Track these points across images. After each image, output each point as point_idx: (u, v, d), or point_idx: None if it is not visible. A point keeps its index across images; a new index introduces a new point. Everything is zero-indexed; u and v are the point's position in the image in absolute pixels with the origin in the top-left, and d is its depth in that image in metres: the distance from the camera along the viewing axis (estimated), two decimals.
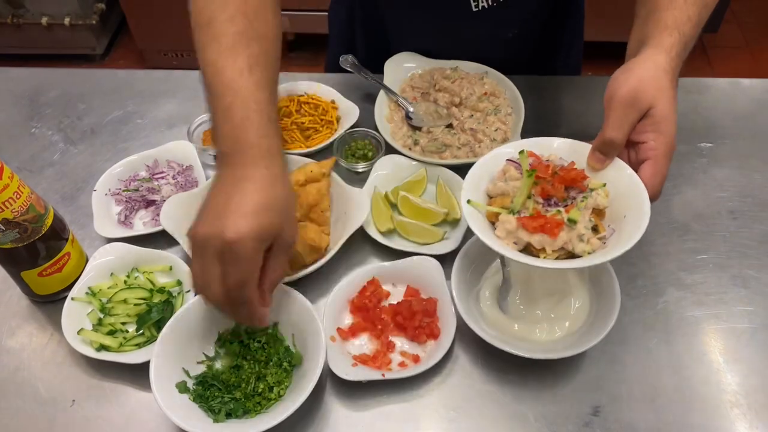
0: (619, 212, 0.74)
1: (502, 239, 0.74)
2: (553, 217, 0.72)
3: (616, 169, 0.75)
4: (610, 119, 0.74)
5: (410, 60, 1.13)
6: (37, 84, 1.20)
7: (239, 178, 0.69)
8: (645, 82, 0.72)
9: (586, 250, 0.72)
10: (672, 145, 0.74)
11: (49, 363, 0.83)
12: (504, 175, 0.79)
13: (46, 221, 0.81)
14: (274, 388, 0.77)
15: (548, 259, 0.72)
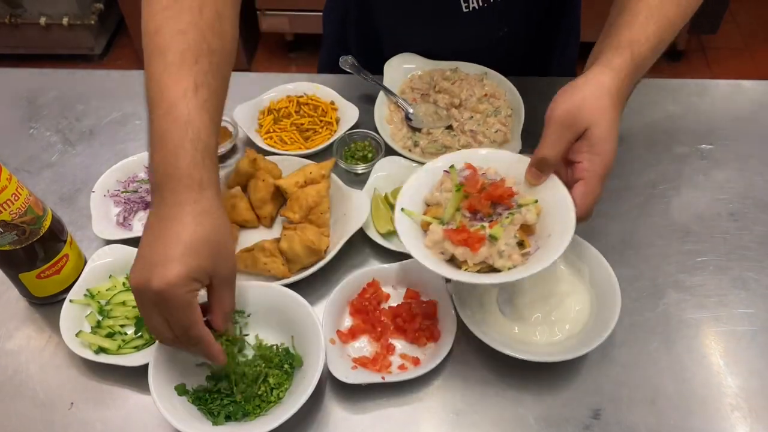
0: (546, 230, 0.75)
1: (430, 248, 0.76)
2: (477, 231, 0.73)
3: (551, 187, 0.76)
4: (546, 137, 0.73)
5: (410, 61, 1.13)
6: (36, 85, 1.20)
7: (165, 217, 0.67)
8: (585, 102, 0.72)
9: (506, 265, 0.73)
10: (607, 167, 0.73)
11: (47, 365, 0.83)
12: (440, 186, 0.80)
13: (45, 223, 0.81)
14: (274, 390, 0.77)
15: (469, 271, 0.73)
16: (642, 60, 0.75)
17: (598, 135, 0.72)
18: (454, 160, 0.80)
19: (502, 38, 1.11)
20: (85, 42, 2.77)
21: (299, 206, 0.91)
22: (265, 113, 1.10)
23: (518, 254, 0.74)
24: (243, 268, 0.88)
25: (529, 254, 0.74)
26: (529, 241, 0.75)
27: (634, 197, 0.98)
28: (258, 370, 0.77)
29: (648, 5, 0.77)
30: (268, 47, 2.90)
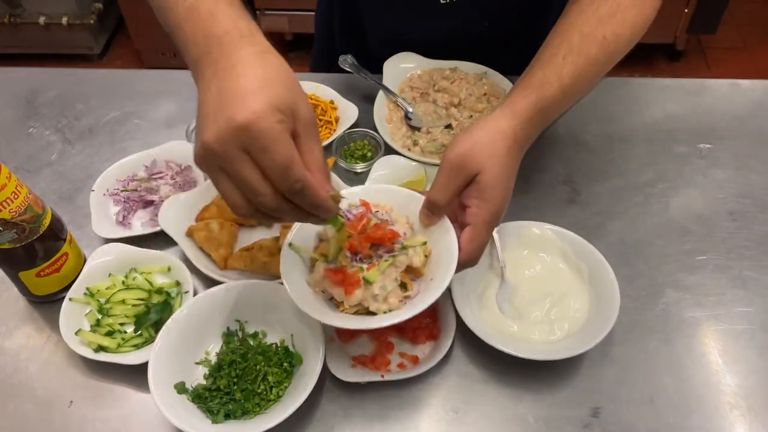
0: (431, 273, 0.73)
1: (312, 286, 0.74)
2: (354, 273, 0.71)
3: (442, 230, 0.74)
4: (437, 180, 0.72)
5: (409, 60, 1.13)
6: (35, 84, 1.20)
7: (225, 67, 0.58)
8: (477, 147, 0.70)
9: (381, 309, 0.71)
10: (495, 214, 0.71)
11: (46, 364, 0.83)
12: None
13: (44, 221, 0.81)
14: (273, 388, 0.77)
15: (346, 312, 0.72)
16: (550, 102, 0.74)
17: (487, 181, 0.70)
18: (351, 195, 0.76)
19: (483, 32, 1.10)
20: (84, 42, 2.77)
21: None
22: None
23: (397, 298, 0.72)
24: (242, 266, 0.88)
25: (409, 297, 0.72)
26: (413, 284, 0.73)
27: (634, 196, 0.98)
28: (258, 369, 0.77)
29: (569, 43, 0.75)
30: None
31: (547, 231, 0.87)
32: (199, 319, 0.81)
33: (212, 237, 0.89)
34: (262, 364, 0.77)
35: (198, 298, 0.81)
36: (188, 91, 1.17)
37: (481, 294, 0.85)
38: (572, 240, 0.86)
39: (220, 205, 0.93)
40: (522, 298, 0.84)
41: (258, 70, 0.57)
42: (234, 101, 0.55)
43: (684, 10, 2.50)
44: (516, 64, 1.15)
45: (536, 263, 0.88)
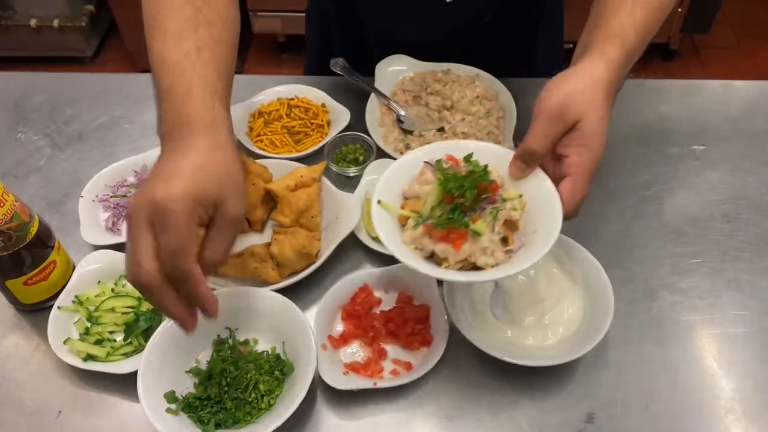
0: (532, 226, 0.71)
1: (408, 244, 0.72)
2: (460, 227, 0.69)
3: (536, 181, 0.72)
4: (534, 129, 0.70)
5: (401, 63, 1.12)
6: (23, 88, 1.18)
7: (177, 149, 0.64)
8: (576, 94, 0.69)
9: (488, 263, 0.70)
10: (596, 162, 0.70)
11: (34, 373, 0.81)
12: (421, 178, 0.75)
13: (31, 229, 0.80)
14: (264, 397, 0.76)
15: (450, 269, 0.70)
16: (632, 49, 0.73)
17: (588, 128, 0.69)
18: (435, 151, 0.76)
19: (487, 25, 1.09)
20: (76, 44, 2.76)
21: (290, 210, 0.90)
22: (255, 116, 1.09)
23: (502, 251, 0.70)
24: (233, 273, 0.87)
25: (512, 252, 0.71)
26: (513, 237, 0.71)
27: (627, 199, 0.98)
28: (248, 377, 0.76)
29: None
30: (260, 48, 2.88)
31: None
32: None
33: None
34: (253, 372, 0.76)
35: None
36: None
37: (474, 299, 0.84)
38: (566, 244, 0.86)
39: None
40: (515, 303, 0.84)
41: (199, 160, 0.63)
42: (163, 179, 0.61)
43: (677, 10, 2.50)
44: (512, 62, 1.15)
45: (530, 268, 0.86)
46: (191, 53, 0.70)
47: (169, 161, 0.64)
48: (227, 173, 0.65)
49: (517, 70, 1.12)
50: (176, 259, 0.60)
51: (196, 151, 0.63)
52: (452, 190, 0.70)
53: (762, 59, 2.76)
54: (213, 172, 0.63)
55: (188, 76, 0.68)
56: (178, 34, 0.72)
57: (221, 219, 0.64)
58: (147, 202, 0.60)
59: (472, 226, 0.69)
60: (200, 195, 0.61)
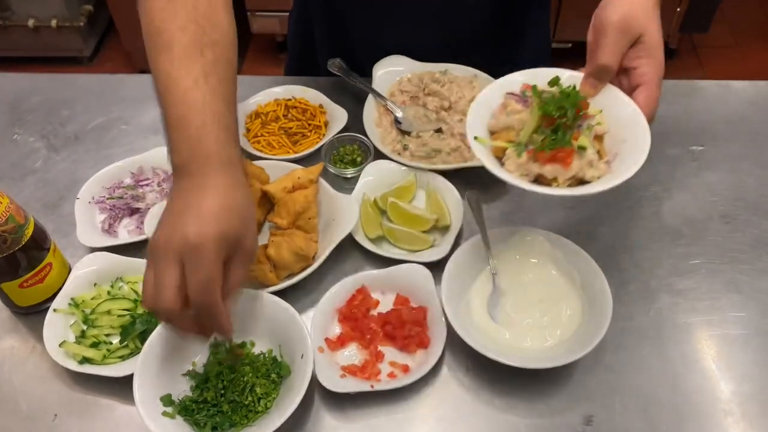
0: (618, 137, 0.76)
1: (513, 173, 0.75)
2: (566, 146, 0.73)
3: (610, 96, 0.77)
4: (604, 46, 0.75)
5: (399, 63, 1.12)
6: (19, 90, 1.18)
7: (199, 185, 0.67)
8: (635, 10, 0.75)
9: (595, 175, 0.74)
10: (662, 71, 0.76)
11: (30, 376, 0.81)
12: (505, 110, 0.79)
13: (27, 231, 0.79)
14: (261, 400, 0.75)
15: (560, 187, 0.74)
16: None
17: (652, 41, 0.75)
18: (511, 83, 0.80)
19: (472, 10, 1.09)
20: (74, 44, 2.75)
21: (287, 212, 0.90)
22: (252, 117, 1.09)
23: (602, 164, 0.75)
24: None
25: (609, 162, 0.76)
26: (605, 151, 0.76)
27: (625, 200, 0.98)
28: (245, 380, 0.76)
29: None
30: (258, 48, 2.88)
31: (538, 237, 0.87)
32: None
33: None
34: (249, 375, 0.76)
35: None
36: None
37: (471, 301, 0.84)
38: (564, 245, 0.85)
39: None
40: (513, 305, 0.83)
41: (222, 201, 0.67)
42: (194, 219, 0.65)
43: (676, 9, 2.49)
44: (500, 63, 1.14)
45: (528, 269, 0.87)
46: (200, 81, 0.71)
47: (193, 198, 0.67)
48: (247, 212, 0.70)
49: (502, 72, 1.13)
50: (206, 295, 0.65)
51: (218, 190, 0.67)
52: (553, 111, 0.74)
53: (761, 58, 2.76)
54: (235, 212, 0.67)
55: (200, 110, 0.70)
56: (185, 57, 0.72)
57: (241, 254, 0.68)
58: (180, 240, 0.64)
59: (576, 143, 0.73)
60: (228, 235, 0.66)
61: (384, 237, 0.92)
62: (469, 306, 0.84)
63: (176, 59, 0.72)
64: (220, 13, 0.78)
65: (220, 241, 0.65)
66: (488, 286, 0.85)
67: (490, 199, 0.97)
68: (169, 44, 0.73)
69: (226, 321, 0.69)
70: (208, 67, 0.72)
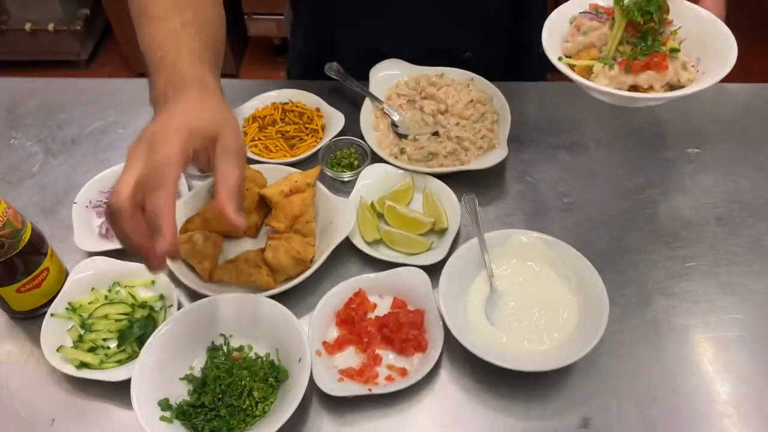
0: (696, 42, 0.79)
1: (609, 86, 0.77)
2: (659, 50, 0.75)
3: (678, 5, 0.81)
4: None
5: (395, 67, 1.12)
6: (17, 94, 1.18)
7: (171, 103, 0.68)
8: None
9: (690, 78, 0.77)
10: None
11: (28, 381, 0.81)
12: (579, 31, 0.82)
13: (24, 236, 0.79)
14: (259, 404, 0.75)
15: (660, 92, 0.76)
16: None
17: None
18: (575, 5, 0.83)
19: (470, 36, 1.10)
20: (71, 48, 2.75)
21: (284, 215, 0.90)
22: (249, 121, 1.09)
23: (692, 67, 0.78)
24: (227, 279, 0.87)
25: (694, 66, 0.79)
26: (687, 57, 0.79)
27: (622, 202, 0.98)
28: (243, 384, 0.76)
29: None
30: (256, 51, 2.88)
31: (535, 239, 0.87)
32: (184, 333, 0.79)
33: (196, 250, 0.87)
34: (247, 379, 0.76)
35: (182, 312, 0.80)
36: None
37: (469, 304, 0.84)
38: (560, 248, 0.86)
39: (205, 217, 0.92)
40: (510, 308, 0.84)
41: (193, 104, 0.68)
42: (161, 118, 0.67)
43: None
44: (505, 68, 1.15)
45: (524, 272, 0.87)
46: (177, 30, 0.76)
47: (162, 113, 0.68)
48: (220, 112, 0.70)
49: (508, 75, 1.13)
50: (157, 175, 0.62)
51: (188, 101, 0.68)
52: (638, 18, 0.76)
53: (757, 60, 2.77)
54: (205, 111, 0.68)
55: (176, 46, 0.74)
56: (164, 16, 0.78)
57: (221, 149, 0.67)
58: (143, 136, 0.65)
59: (668, 46, 0.76)
60: (194, 126, 0.65)
61: (381, 240, 0.92)
62: (467, 309, 0.84)
63: (155, 20, 0.78)
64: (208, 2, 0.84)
65: (183, 130, 0.64)
66: (485, 288, 0.85)
67: (487, 201, 0.97)
68: (148, 12, 0.79)
69: (168, 220, 0.62)
70: (186, 21, 0.77)
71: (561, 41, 0.82)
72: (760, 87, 1.16)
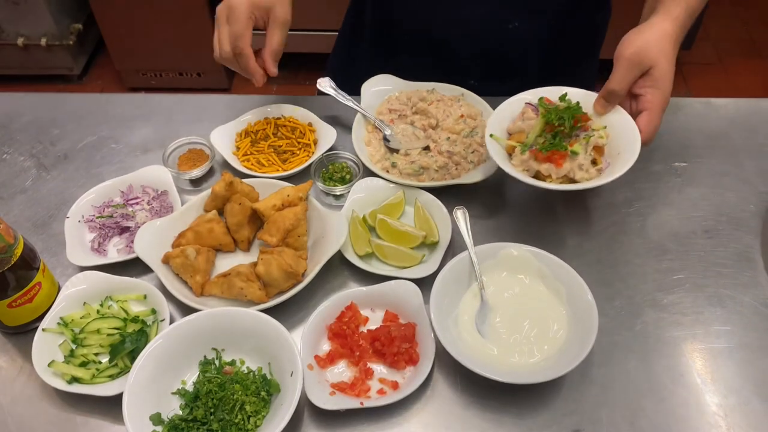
0: (616, 150, 0.89)
1: (516, 167, 0.89)
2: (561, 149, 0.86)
3: (617, 115, 0.91)
4: (616, 73, 0.88)
5: (387, 82, 1.13)
6: (9, 109, 1.18)
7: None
8: (650, 44, 0.86)
9: (585, 177, 0.87)
10: (666, 100, 0.88)
11: (19, 397, 0.81)
12: (522, 116, 0.94)
13: (16, 251, 0.79)
14: (251, 418, 0.75)
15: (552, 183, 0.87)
16: (693, 11, 0.91)
17: (660, 73, 0.86)
18: (534, 95, 0.94)
19: (514, 31, 1.11)
20: (64, 62, 2.75)
21: (276, 229, 0.91)
22: (242, 135, 1.09)
23: (593, 169, 0.88)
24: (219, 293, 0.87)
25: (601, 170, 0.88)
26: (601, 159, 0.89)
27: (610, 216, 0.99)
28: (235, 398, 0.76)
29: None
30: None
31: (525, 252, 0.88)
32: (176, 347, 0.80)
33: (188, 264, 0.88)
34: (239, 393, 0.76)
35: (174, 327, 0.80)
36: (165, 115, 1.17)
37: (460, 317, 0.85)
38: (550, 261, 0.86)
39: (197, 231, 0.92)
40: (501, 321, 0.84)
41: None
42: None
43: None
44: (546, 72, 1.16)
45: (515, 285, 0.88)
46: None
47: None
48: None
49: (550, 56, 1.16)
50: (237, 41, 0.96)
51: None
52: (554, 120, 0.89)
53: (743, 75, 2.81)
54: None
55: None
56: None
57: (273, 19, 0.98)
58: (225, 6, 0.96)
59: (570, 148, 0.87)
60: (256, 2, 0.95)
61: (373, 254, 0.93)
62: (458, 321, 0.84)
63: None
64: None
65: (250, 6, 0.94)
66: (476, 301, 0.86)
67: (477, 215, 0.98)
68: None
69: (253, 65, 0.98)
70: None
71: (509, 120, 0.95)
72: (746, 102, 1.18)
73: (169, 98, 1.20)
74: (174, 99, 1.20)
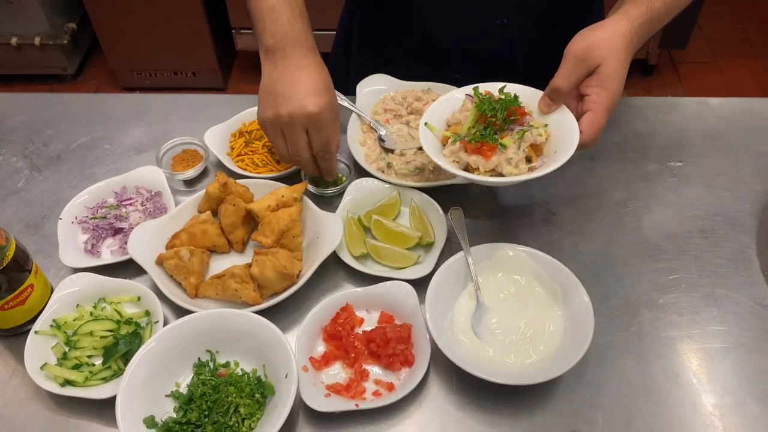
0: (553, 149, 0.85)
1: (447, 158, 0.87)
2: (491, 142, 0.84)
3: (560, 114, 0.87)
4: (561, 70, 0.84)
5: (382, 82, 1.13)
6: (2, 109, 1.17)
7: (296, 66, 0.88)
8: (600, 42, 0.82)
9: (513, 173, 0.84)
10: (613, 101, 0.83)
11: (11, 400, 0.80)
12: (462, 108, 0.92)
13: (8, 253, 0.79)
14: (245, 420, 0.75)
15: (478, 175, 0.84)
16: (657, 14, 0.86)
17: (608, 72, 0.82)
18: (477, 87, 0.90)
19: (502, 28, 1.10)
20: (57, 62, 2.74)
21: (271, 230, 0.90)
22: (236, 136, 1.09)
23: (525, 165, 0.85)
24: (213, 295, 0.87)
25: (534, 167, 0.85)
26: (536, 158, 0.86)
27: (606, 216, 0.99)
28: (229, 400, 0.75)
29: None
30: (243, 66, 2.89)
31: (520, 253, 0.87)
32: (170, 349, 0.79)
33: (182, 265, 0.87)
34: (233, 395, 0.76)
35: (168, 329, 0.79)
36: (159, 115, 1.16)
37: (455, 318, 0.84)
38: (546, 261, 0.86)
39: (191, 232, 0.91)
40: (497, 321, 0.84)
41: (319, 78, 0.88)
42: (308, 97, 0.86)
43: None
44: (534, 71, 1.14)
45: (510, 285, 0.87)
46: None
47: (296, 78, 0.87)
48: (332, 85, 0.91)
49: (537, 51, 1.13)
50: (328, 147, 0.91)
51: (314, 69, 0.88)
52: (486, 111, 0.85)
53: (738, 73, 2.82)
54: (329, 86, 0.89)
55: (287, 5, 0.89)
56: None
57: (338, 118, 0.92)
58: (302, 114, 0.86)
59: (500, 141, 0.84)
60: (332, 103, 0.89)
61: (368, 255, 0.92)
62: (453, 322, 0.84)
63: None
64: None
65: (332, 110, 0.88)
66: (472, 302, 0.85)
67: (473, 215, 0.98)
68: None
69: (335, 165, 0.95)
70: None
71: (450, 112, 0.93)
72: (741, 101, 1.18)
73: (163, 98, 1.19)
74: (168, 99, 1.19)
